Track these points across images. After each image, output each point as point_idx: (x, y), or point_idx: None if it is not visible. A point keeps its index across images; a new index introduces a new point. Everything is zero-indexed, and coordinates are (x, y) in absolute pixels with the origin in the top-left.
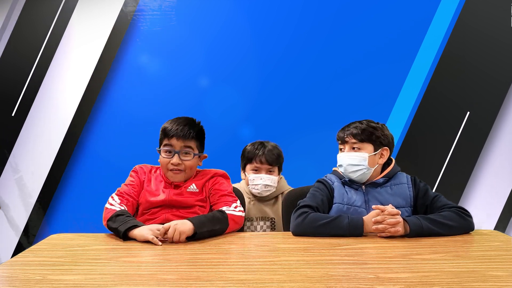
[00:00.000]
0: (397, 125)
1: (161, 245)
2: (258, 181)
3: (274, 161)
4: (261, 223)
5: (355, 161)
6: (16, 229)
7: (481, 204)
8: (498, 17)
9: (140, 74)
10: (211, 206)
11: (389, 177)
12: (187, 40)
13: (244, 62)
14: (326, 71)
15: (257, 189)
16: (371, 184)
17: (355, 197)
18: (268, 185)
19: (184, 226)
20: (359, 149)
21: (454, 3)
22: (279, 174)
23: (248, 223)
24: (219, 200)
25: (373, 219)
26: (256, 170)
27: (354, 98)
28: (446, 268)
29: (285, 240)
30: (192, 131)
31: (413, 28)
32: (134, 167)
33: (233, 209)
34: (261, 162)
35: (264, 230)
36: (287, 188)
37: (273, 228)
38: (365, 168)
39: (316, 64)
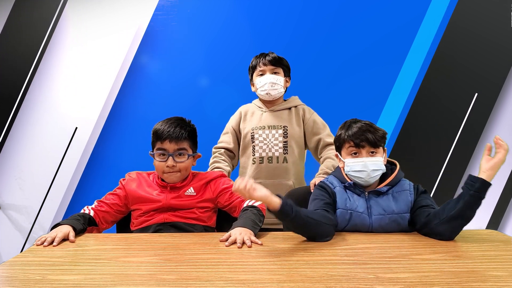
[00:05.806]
0: (388, 124)
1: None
2: (264, 80)
3: (276, 62)
4: (273, 131)
5: (377, 166)
6: (22, 230)
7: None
8: (491, 17)
9: (140, 74)
10: (223, 207)
11: (392, 185)
12: (187, 40)
13: (244, 62)
14: (321, 71)
15: (265, 88)
16: (375, 192)
17: (358, 202)
18: (274, 83)
19: (246, 232)
20: (376, 153)
21: (445, 3)
22: (285, 77)
23: (260, 131)
24: (232, 196)
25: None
26: (262, 75)
27: (347, 98)
28: (446, 268)
29: (285, 240)
30: (184, 132)
31: (404, 28)
32: (122, 178)
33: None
34: (264, 64)
35: (276, 138)
36: (299, 103)
37: (285, 135)
38: (382, 171)
39: (313, 64)
